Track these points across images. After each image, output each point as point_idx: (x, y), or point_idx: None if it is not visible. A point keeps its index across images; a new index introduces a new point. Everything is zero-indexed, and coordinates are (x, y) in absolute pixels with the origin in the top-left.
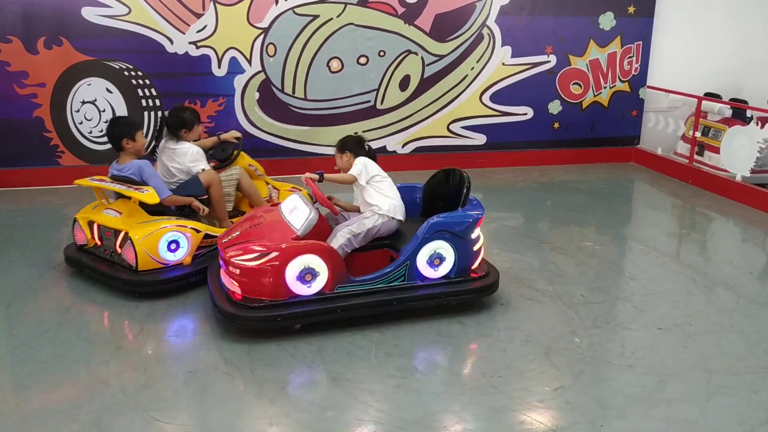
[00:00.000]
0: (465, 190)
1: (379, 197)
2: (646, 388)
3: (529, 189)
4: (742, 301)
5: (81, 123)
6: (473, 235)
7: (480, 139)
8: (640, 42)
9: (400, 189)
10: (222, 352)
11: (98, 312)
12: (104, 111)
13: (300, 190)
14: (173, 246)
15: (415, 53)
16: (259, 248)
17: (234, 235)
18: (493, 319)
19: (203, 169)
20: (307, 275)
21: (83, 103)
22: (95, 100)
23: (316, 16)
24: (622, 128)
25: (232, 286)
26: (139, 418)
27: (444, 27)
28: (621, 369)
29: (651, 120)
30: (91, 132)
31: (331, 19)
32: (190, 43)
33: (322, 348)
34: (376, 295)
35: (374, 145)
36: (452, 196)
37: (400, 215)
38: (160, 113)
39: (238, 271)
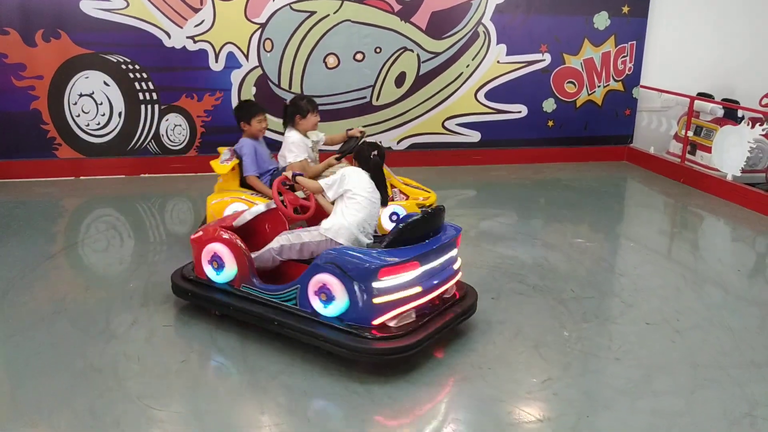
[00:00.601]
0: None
1: (337, 215)
2: (633, 381)
3: (523, 186)
4: (730, 298)
5: (78, 116)
6: (376, 284)
7: (475, 136)
8: (634, 42)
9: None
10: (215, 342)
11: (93, 302)
12: (101, 104)
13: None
14: None
15: (411, 50)
16: (202, 226)
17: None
18: (484, 312)
19: (290, 162)
20: (214, 262)
21: (81, 95)
22: (93, 93)
23: (312, 12)
24: (615, 127)
25: None
26: (133, 406)
27: (440, 24)
28: (608, 362)
29: (644, 119)
30: (88, 125)
31: (328, 15)
32: (187, 37)
33: None
34: (264, 307)
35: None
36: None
37: (343, 239)
38: (157, 107)
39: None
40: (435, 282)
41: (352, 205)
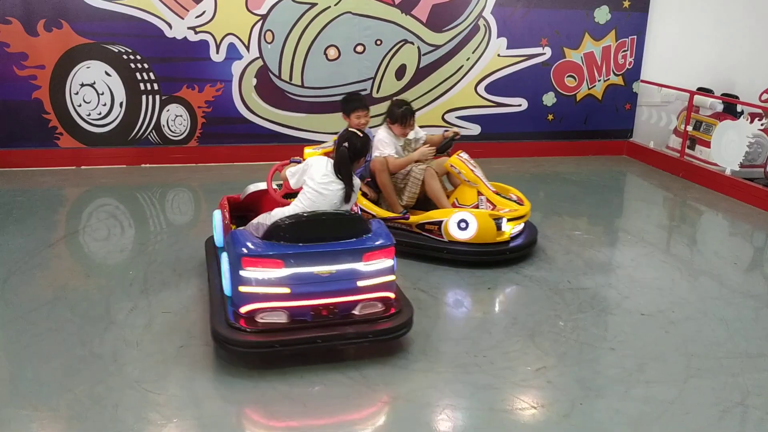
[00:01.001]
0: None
1: (293, 204)
2: (626, 370)
3: (523, 180)
4: (725, 290)
5: (80, 105)
6: (242, 272)
7: (474, 129)
8: (635, 36)
9: None
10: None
11: (93, 289)
12: (103, 94)
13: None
14: None
15: (412, 43)
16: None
17: None
18: (481, 302)
19: (374, 156)
20: (218, 227)
21: (82, 85)
22: (94, 82)
23: (313, 4)
24: (615, 121)
25: None
26: (131, 390)
27: (440, 17)
28: (603, 352)
29: (644, 114)
30: (89, 114)
31: (329, 7)
32: (188, 28)
33: None
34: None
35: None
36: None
37: None
38: (158, 97)
39: None
40: (314, 290)
41: (300, 195)
